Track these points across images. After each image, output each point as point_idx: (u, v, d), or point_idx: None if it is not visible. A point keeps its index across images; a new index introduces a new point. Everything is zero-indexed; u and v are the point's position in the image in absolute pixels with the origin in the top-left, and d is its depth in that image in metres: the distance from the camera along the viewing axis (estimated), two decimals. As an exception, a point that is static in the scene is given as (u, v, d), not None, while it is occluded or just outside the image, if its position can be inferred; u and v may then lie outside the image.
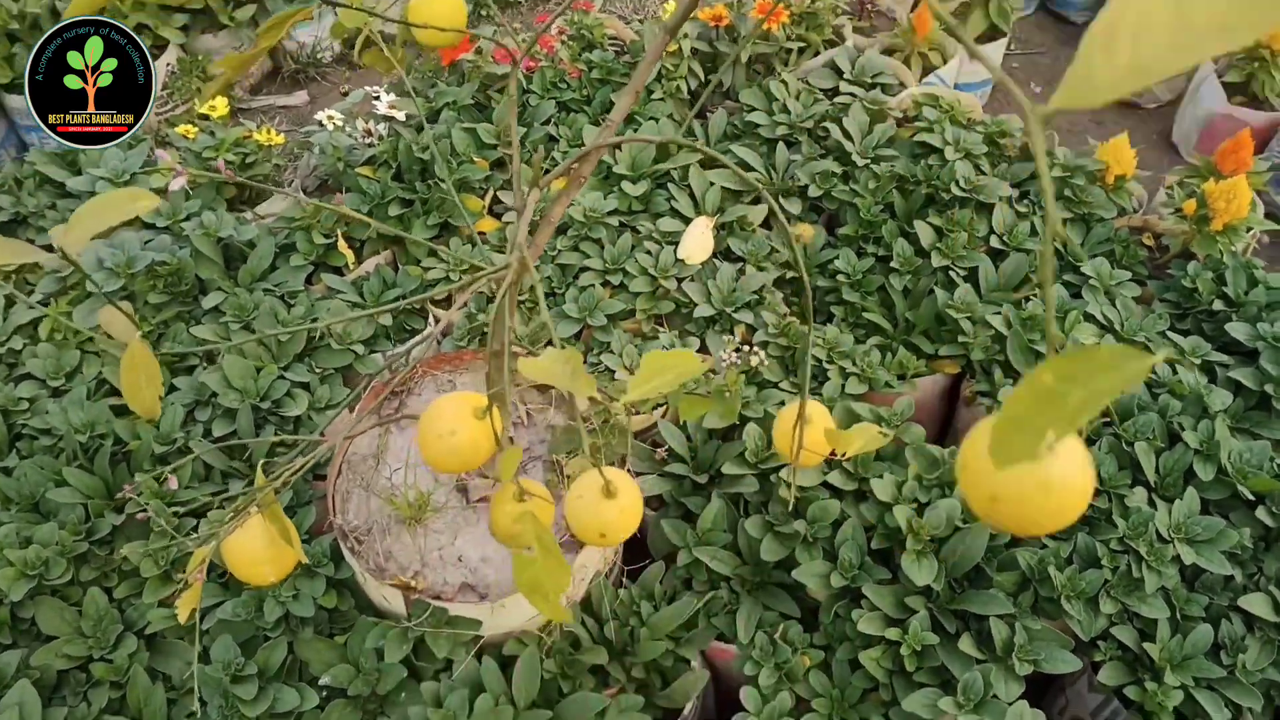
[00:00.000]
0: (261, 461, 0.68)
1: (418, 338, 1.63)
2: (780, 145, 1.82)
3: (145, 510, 1.27)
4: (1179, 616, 1.21)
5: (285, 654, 1.20)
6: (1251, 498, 1.27)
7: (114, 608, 1.26)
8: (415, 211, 1.74)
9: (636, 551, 1.40)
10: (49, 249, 0.63)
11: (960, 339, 1.48)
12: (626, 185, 1.73)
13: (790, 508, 1.27)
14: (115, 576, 1.30)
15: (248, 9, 2.44)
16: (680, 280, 1.62)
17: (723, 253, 1.71)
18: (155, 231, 1.70)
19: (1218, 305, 1.53)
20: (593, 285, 1.62)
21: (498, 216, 1.80)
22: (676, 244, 1.65)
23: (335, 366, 1.55)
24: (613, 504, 0.65)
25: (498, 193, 1.83)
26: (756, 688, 1.20)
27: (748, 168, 1.79)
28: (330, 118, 1.89)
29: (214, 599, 1.24)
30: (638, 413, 1.48)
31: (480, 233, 1.77)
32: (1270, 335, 1.44)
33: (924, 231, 1.61)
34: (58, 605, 1.25)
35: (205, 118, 2.03)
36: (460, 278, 1.65)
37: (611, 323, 1.57)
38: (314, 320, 1.58)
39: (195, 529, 1.32)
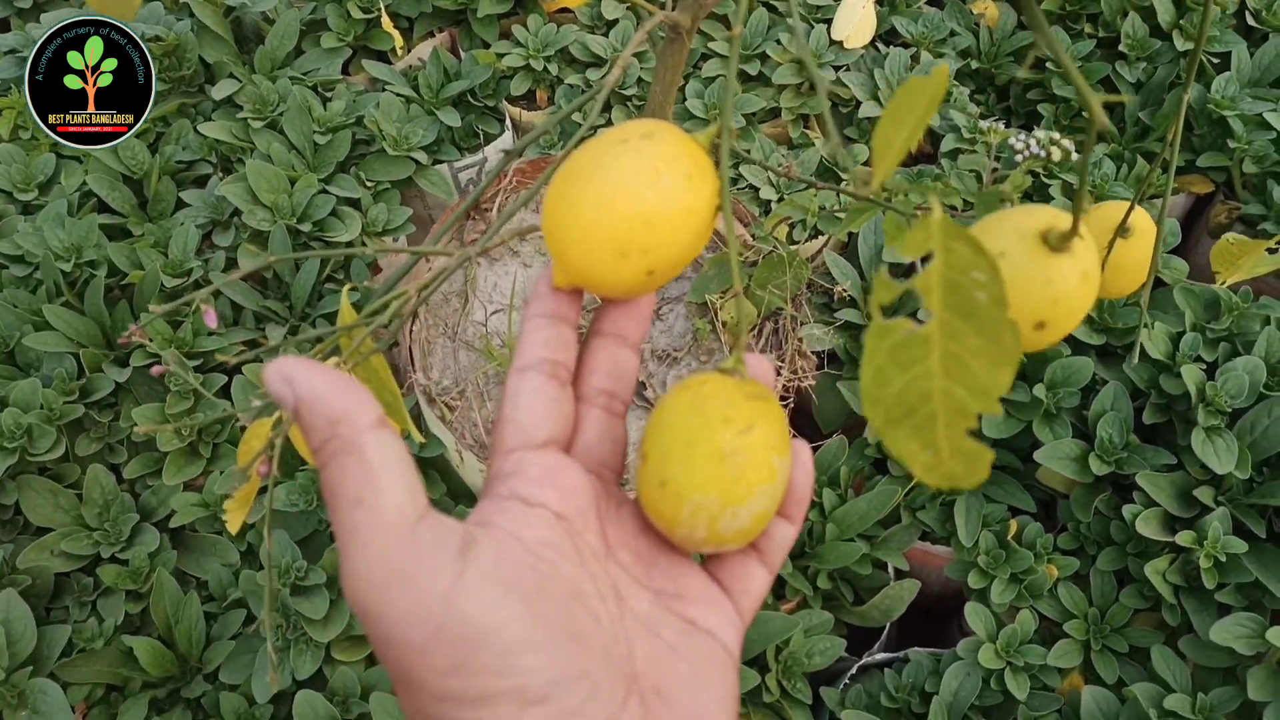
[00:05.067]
0: (348, 288, 0.34)
1: (495, 143, 1.26)
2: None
3: (157, 363, 0.94)
4: None
5: (359, 555, 0.90)
6: None
7: (125, 491, 0.95)
8: (480, -22, 1.33)
9: (796, 424, 1.09)
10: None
11: (1230, 144, 1.11)
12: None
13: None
14: (123, 450, 0.99)
15: None
16: (838, 69, 1.24)
17: (885, 35, 1.32)
18: None
19: None
20: (721, 76, 1.23)
21: (584, -11, 1.39)
22: (829, 22, 1.26)
23: (391, 180, 1.19)
24: (1069, 263, 0.32)
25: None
26: (986, 604, 0.90)
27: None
28: None
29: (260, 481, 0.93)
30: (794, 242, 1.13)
31: (563, 9, 1.37)
32: None
33: (1161, 4, 1.22)
34: (49, 488, 0.94)
35: None
36: (544, 65, 1.26)
37: (750, 124, 1.20)
38: (358, 118, 1.21)
39: (226, 387, 0.99)
